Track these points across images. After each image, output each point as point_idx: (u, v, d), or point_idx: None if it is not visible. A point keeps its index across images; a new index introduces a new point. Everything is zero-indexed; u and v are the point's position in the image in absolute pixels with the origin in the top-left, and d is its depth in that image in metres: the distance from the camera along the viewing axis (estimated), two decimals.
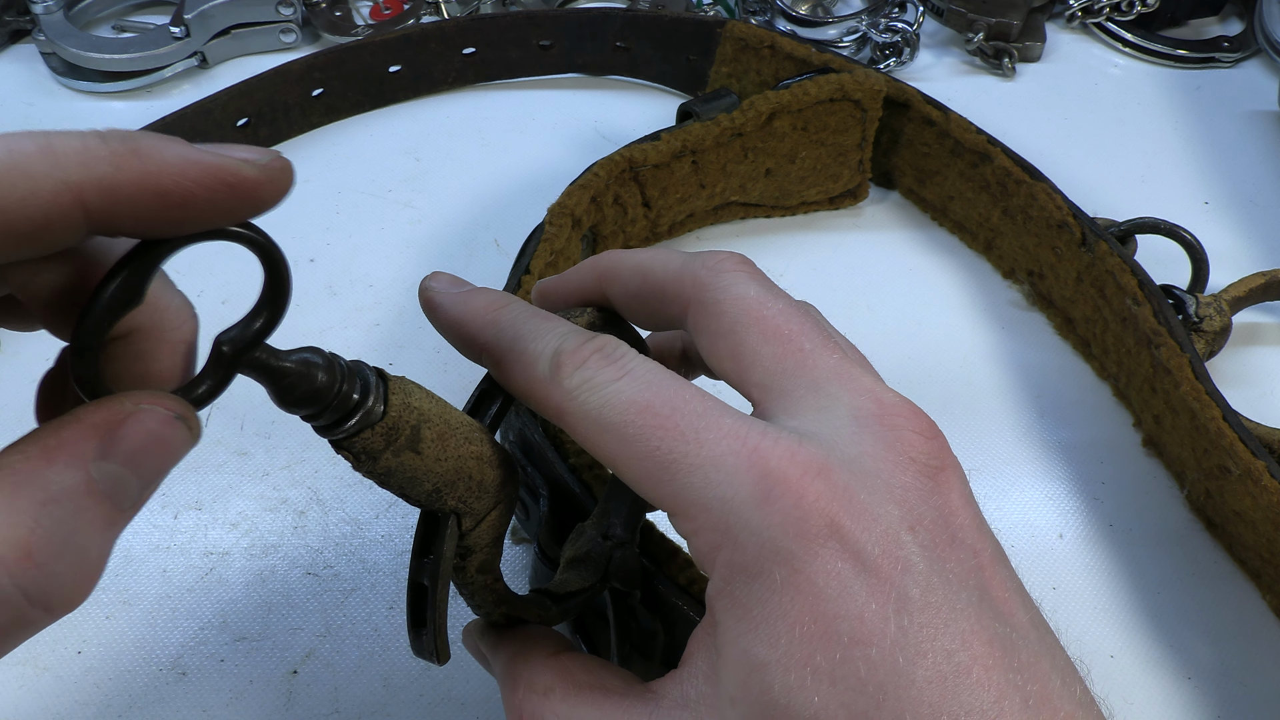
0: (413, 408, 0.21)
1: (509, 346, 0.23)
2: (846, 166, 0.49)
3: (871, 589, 0.20)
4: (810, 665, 0.20)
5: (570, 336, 0.23)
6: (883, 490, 0.21)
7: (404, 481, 0.22)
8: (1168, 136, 0.56)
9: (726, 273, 0.24)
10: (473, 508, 0.23)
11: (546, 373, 0.22)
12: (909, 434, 0.22)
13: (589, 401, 0.22)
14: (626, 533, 0.28)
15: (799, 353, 0.23)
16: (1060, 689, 0.20)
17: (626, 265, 0.26)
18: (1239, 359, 0.45)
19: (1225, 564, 0.38)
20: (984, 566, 0.21)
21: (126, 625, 0.35)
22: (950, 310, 0.47)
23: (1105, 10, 0.61)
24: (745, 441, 0.21)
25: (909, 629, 0.19)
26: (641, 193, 0.45)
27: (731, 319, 0.23)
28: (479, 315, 0.24)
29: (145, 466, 0.18)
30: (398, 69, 0.54)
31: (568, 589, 0.27)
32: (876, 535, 0.20)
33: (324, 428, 0.21)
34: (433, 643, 0.24)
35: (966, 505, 0.22)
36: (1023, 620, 0.21)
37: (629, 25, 0.54)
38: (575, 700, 0.23)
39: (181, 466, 0.42)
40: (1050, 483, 0.40)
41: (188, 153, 0.17)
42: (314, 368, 0.20)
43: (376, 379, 0.21)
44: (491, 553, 0.24)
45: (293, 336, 0.44)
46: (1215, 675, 0.35)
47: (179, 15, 0.55)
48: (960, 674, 0.19)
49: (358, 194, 0.51)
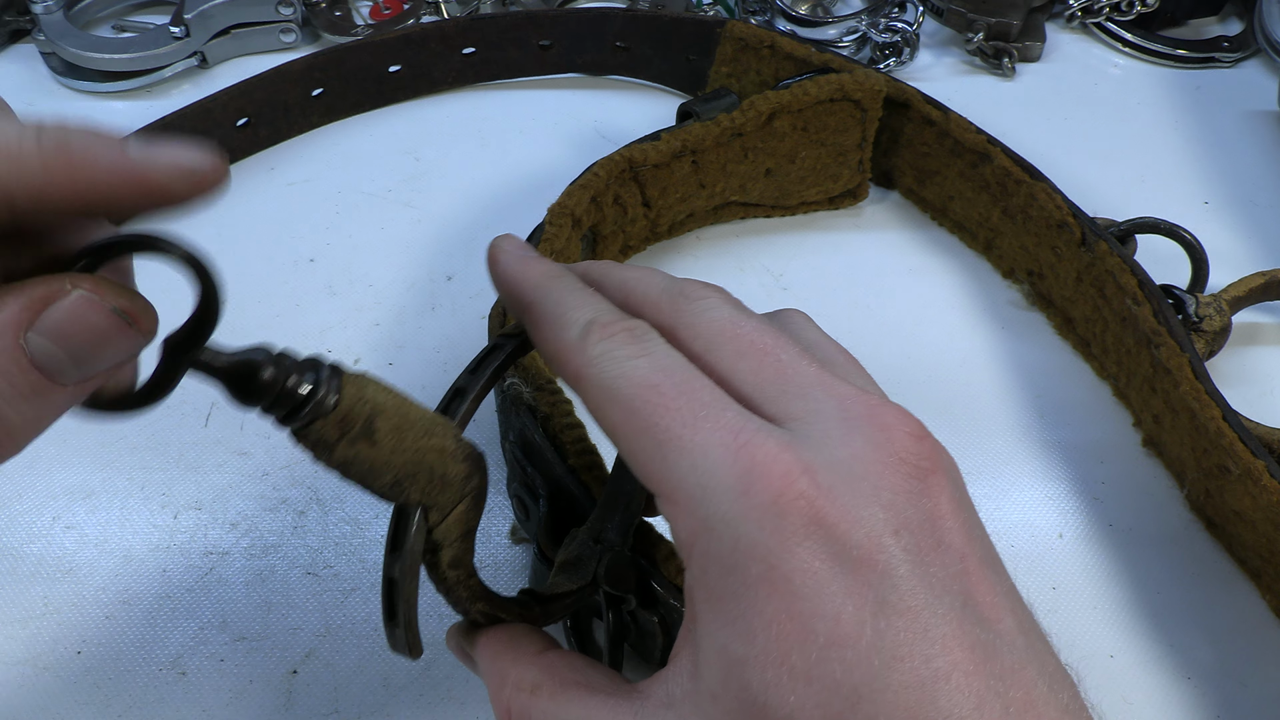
0: (366, 400, 0.22)
1: (550, 309, 0.25)
2: (846, 166, 0.49)
3: (849, 590, 0.20)
4: (786, 664, 0.20)
5: (607, 312, 0.24)
6: (869, 492, 0.21)
7: (364, 472, 0.23)
8: (1168, 136, 0.56)
9: (699, 299, 0.25)
10: (437, 501, 0.24)
11: (575, 338, 0.24)
12: (899, 435, 0.22)
13: (606, 370, 0.23)
14: (619, 537, 0.28)
15: (777, 364, 0.23)
16: (1046, 695, 0.20)
17: (612, 280, 0.26)
18: (1239, 359, 0.45)
19: (1225, 564, 0.38)
20: (970, 571, 0.21)
21: (126, 625, 0.35)
22: (950, 310, 0.47)
23: (1105, 10, 0.61)
24: (738, 435, 0.21)
25: (886, 632, 0.19)
26: (641, 192, 0.45)
27: (706, 340, 0.24)
28: (533, 277, 0.26)
29: (76, 347, 0.18)
30: (397, 69, 0.54)
31: (555, 591, 0.27)
32: (858, 536, 0.20)
33: (281, 420, 0.22)
34: (404, 637, 0.25)
35: (956, 509, 0.22)
36: (1009, 626, 0.21)
37: (629, 25, 0.54)
38: (562, 698, 0.24)
39: (181, 466, 0.42)
40: (1050, 483, 0.40)
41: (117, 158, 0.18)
42: (258, 366, 0.21)
43: (330, 372, 0.22)
44: (462, 547, 0.25)
45: (293, 336, 0.44)
46: (1215, 675, 0.35)
47: (179, 15, 0.55)
48: (938, 679, 0.19)
49: (358, 194, 0.51)
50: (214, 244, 0.48)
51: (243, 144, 0.52)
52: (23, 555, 0.37)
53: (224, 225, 0.49)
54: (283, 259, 0.47)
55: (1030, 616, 0.22)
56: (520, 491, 0.35)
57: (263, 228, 0.49)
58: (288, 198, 0.51)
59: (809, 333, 0.27)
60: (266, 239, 0.48)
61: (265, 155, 0.53)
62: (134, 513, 0.38)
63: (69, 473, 0.39)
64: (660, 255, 0.48)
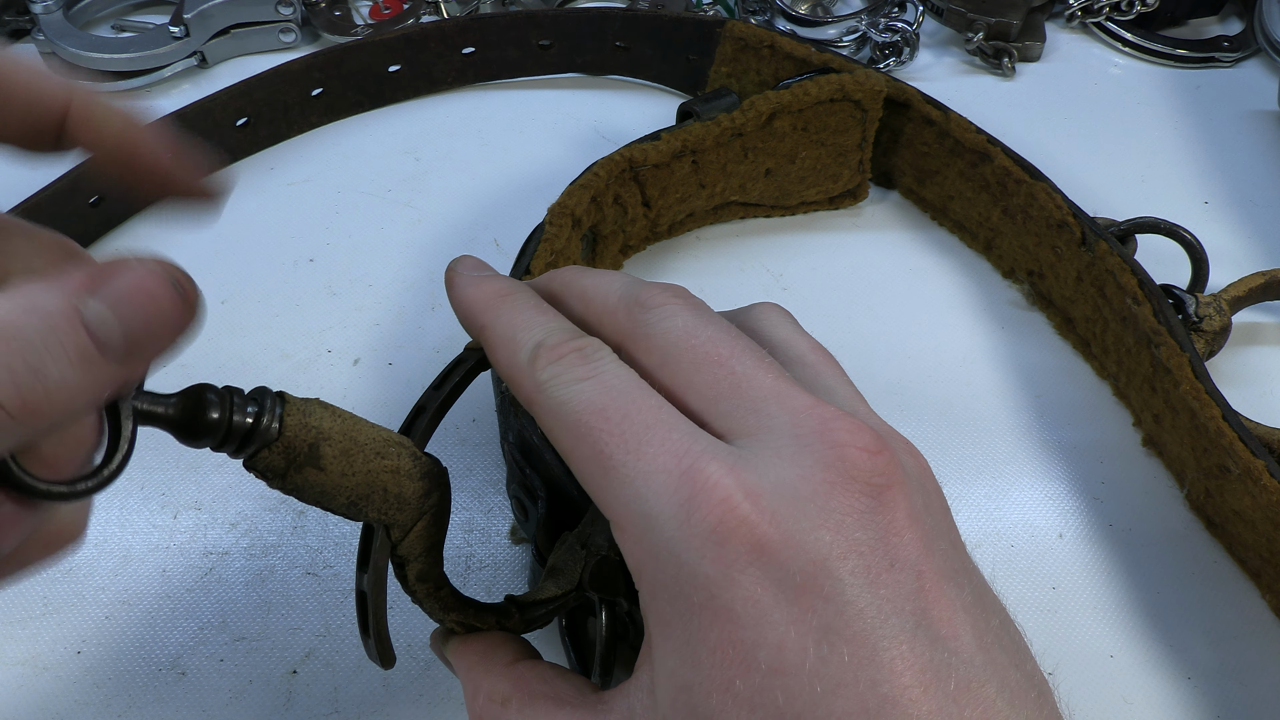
0: (310, 426, 0.22)
1: (501, 330, 0.24)
2: (846, 166, 0.49)
3: (792, 618, 0.19)
4: (730, 691, 0.20)
5: (556, 333, 0.24)
6: (815, 515, 0.20)
7: (317, 496, 0.23)
8: (1168, 136, 0.56)
9: (656, 308, 0.24)
10: (396, 519, 0.24)
11: (524, 361, 0.23)
12: (852, 451, 0.21)
13: (554, 395, 0.22)
14: (605, 541, 0.28)
15: (731, 375, 0.23)
16: (1005, 711, 0.20)
17: (573, 290, 0.26)
18: (1239, 359, 0.45)
19: (1225, 564, 0.38)
20: (926, 589, 0.20)
21: (126, 625, 0.35)
22: (950, 310, 0.47)
23: (1105, 10, 0.61)
24: (681, 460, 0.21)
25: (830, 659, 0.19)
26: (641, 192, 0.45)
27: (661, 353, 0.23)
28: (485, 298, 0.26)
29: (131, 316, 0.18)
30: (397, 69, 0.54)
31: (538, 597, 0.27)
32: (801, 562, 0.20)
33: (231, 453, 0.22)
34: (375, 648, 0.25)
35: (913, 523, 0.21)
36: (966, 642, 0.20)
37: (629, 25, 0.54)
38: (530, 711, 0.24)
39: (181, 466, 0.42)
40: (1050, 482, 0.40)
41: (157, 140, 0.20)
42: (204, 406, 0.21)
43: (274, 401, 0.22)
44: (427, 561, 0.25)
45: (293, 336, 0.44)
46: (1215, 675, 0.35)
47: (178, 15, 0.55)
48: (885, 705, 0.19)
49: (357, 194, 0.51)
50: (214, 244, 0.48)
51: (243, 144, 0.52)
52: None
53: (224, 225, 0.49)
54: (283, 259, 0.47)
55: (996, 627, 0.21)
56: (519, 492, 0.35)
57: (263, 228, 0.49)
58: (288, 198, 0.51)
59: (779, 330, 0.26)
60: (266, 239, 0.48)
61: (265, 155, 0.53)
62: (134, 513, 0.38)
63: None
64: (660, 255, 0.48)
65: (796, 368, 0.25)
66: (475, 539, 0.38)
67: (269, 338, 0.44)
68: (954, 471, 0.40)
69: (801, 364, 0.25)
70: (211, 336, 0.44)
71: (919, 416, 0.42)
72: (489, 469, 0.40)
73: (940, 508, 0.23)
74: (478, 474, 0.40)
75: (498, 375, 0.35)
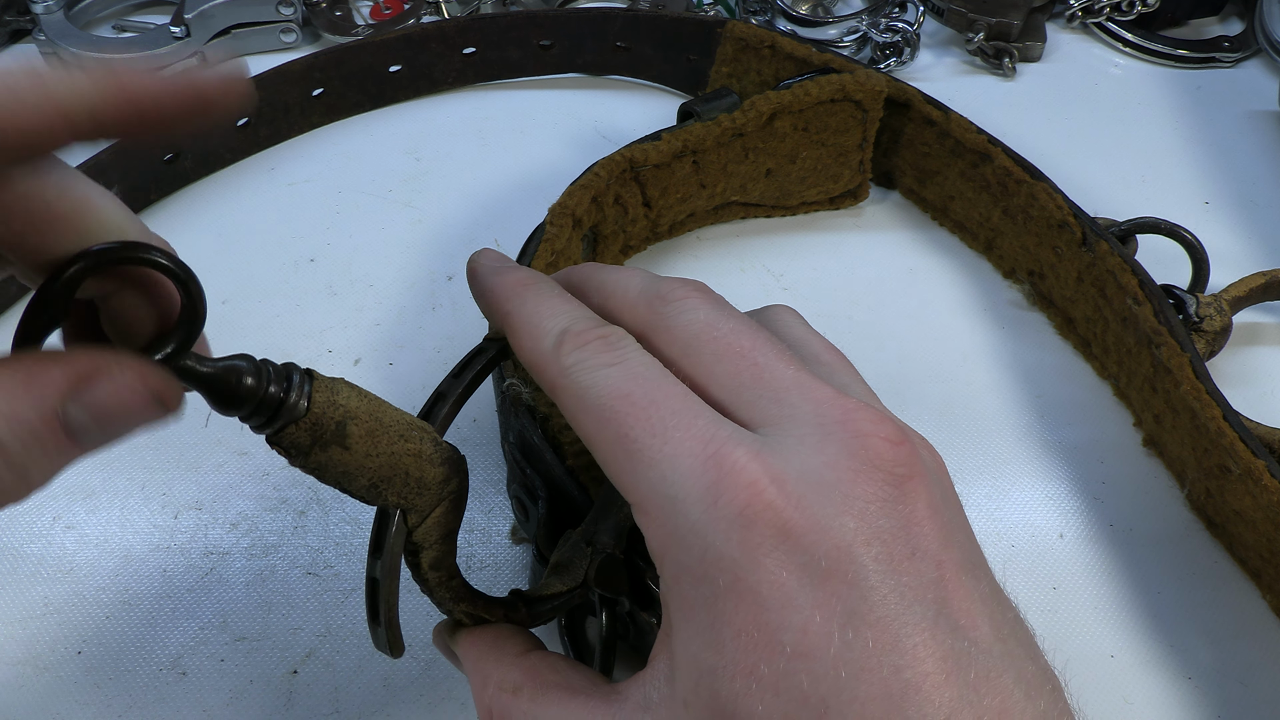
0: (338, 405, 0.23)
1: (526, 318, 0.25)
2: (847, 167, 0.49)
3: (817, 601, 0.20)
4: (754, 674, 0.20)
5: (581, 320, 0.24)
6: (840, 501, 0.20)
7: (339, 476, 0.23)
8: (1168, 136, 0.56)
9: (677, 301, 0.24)
10: (414, 504, 0.24)
11: (549, 347, 0.23)
12: (875, 441, 0.21)
13: (579, 380, 0.23)
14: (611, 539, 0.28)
15: (754, 366, 0.23)
16: (1022, 703, 0.20)
17: (593, 284, 0.26)
18: (1239, 359, 0.45)
19: (1225, 564, 0.38)
20: (946, 579, 0.21)
21: (126, 625, 0.35)
22: (950, 310, 0.47)
23: (1105, 10, 0.61)
24: (708, 445, 0.21)
25: (854, 644, 0.19)
26: (642, 193, 0.45)
27: (683, 344, 0.24)
28: (509, 286, 0.26)
29: (109, 422, 0.19)
30: (398, 69, 0.54)
31: (544, 592, 0.27)
32: (827, 547, 0.20)
33: (257, 427, 0.22)
34: (385, 636, 0.25)
35: (933, 514, 0.21)
36: (984, 633, 0.21)
37: (629, 25, 0.54)
38: (542, 699, 0.24)
39: (181, 466, 0.42)
40: (1050, 483, 0.40)
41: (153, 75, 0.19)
42: (240, 373, 0.21)
43: (302, 378, 0.22)
44: (442, 549, 0.25)
45: (293, 336, 0.44)
46: (1215, 675, 0.35)
47: (179, 15, 0.55)
48: (908, 690, 0.19)
49: (358, 194, 0.51)
50: (214, 244, 0.48)
51: (243, 144, 0.52)
52: (23, 555, 0.37)
53: (224, 225, 0.49)
54: (283, 259, 0.47)
55: (1012, 620, 0.22)
56: (520, 492, 0.35)
57: (263, 228, 0.49)
58: (288, 198, 0.51)
59: (794, 330, 0.26)
60: (267, 239, 0.48)
61: (265, 155, 0.53)
62: (134, 513, 0.38)
63: (69, 472, 0.38)
64: (661, 255, 0.48)
65: (813, 365, 0.25)
66: (475, 539, 0.38)
67: (269, 338, 0.44)
68: (955, 471, 0.39)
69: (818, 362, 0.25)
70: (212, 337, 0.43)
71: (919, 416, 0.42)
72: (489, 469, 0.40)
73: (955, 503, 0.23)
74: (478, 474, 0.40)
75: (501, 375, 0.35)
